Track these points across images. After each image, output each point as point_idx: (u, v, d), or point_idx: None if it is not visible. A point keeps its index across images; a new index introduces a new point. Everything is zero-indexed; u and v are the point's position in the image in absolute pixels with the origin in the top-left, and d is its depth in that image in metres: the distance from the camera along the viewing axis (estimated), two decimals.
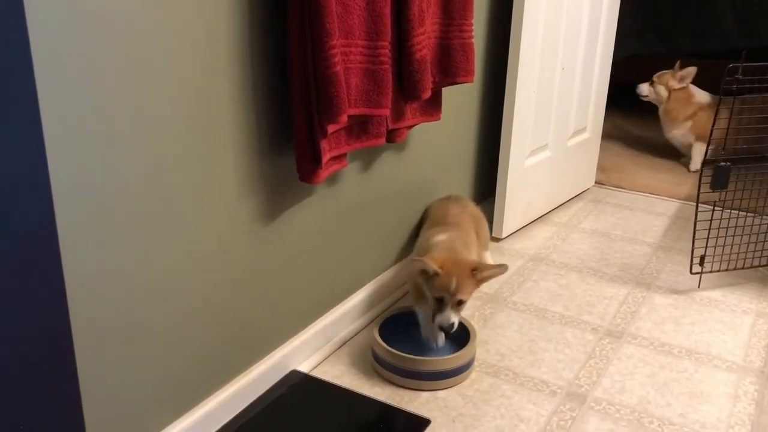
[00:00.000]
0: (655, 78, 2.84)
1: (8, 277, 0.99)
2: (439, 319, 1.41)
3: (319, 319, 1.48)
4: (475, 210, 1.82)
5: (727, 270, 1.87)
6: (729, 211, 1.83)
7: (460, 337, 1.49)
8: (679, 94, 2.78)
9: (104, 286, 0.99)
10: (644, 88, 2.87)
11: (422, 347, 1.49)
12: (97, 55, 0.91)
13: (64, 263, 0.92)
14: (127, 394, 1.06)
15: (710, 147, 1.77)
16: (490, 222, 2.02)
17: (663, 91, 2.81)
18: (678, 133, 2.81)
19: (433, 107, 1.58)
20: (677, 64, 2.79)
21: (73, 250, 0.93)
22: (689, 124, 2.77)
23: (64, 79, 0.87)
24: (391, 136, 1.48)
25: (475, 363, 1.49)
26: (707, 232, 1.78)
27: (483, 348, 1.55)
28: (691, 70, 2.75)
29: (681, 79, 2.78)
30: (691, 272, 1.84)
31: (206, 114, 1.09)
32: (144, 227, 1.03)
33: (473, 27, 1.55)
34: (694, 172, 2.74)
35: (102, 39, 0.91)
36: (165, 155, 1.04)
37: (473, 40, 1.55)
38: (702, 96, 2.78)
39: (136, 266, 1.03)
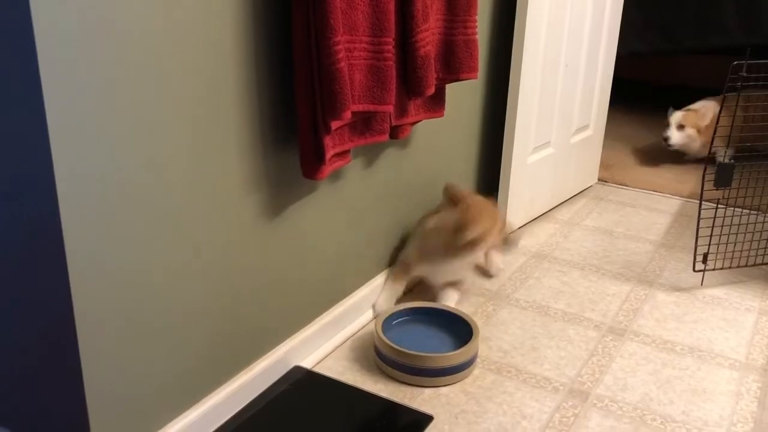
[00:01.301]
0: (680, 121, 2.60)
1: (13, 273, 0.99)
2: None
3: (322, 316, 1.48)
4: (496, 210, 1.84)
5: (730, 268, 1.86)
6: (732, 208, 1.83)
7: (463, 333, 1.49)
8: (705, 128, 2.63)
9: (108, 283, 0.99)
10: (677, 136, 2.61)
11: (425, 344, 1.49)
12: (101, 53, 0.91)
13: (68, 260, 0.92)
14: (130, 390, 1.06)
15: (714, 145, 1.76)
16: None
17: (695, 134, 2.62)
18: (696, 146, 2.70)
19: (436, 104, 1.58)
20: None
21: (77, 247, 0.93)
22: (704, 139, 2.67)
23: (68, 75, 0.87)
24: (395, 133, 1.48)
25: (478, 360, 1.49)
26: (710, 229, 1.78)
27: (485, 345, 1.55)
28: (710, 106, 2.56)
29: (703, 117, 2.58)
30: (694, 270, 1.84)
31: (210, 110, 1.09)
32: (147, 223, 1.03)
33: (477, 23, 1.55)
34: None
35: (106, 36, 0.91)
36: (169, 151, 1.04)
37: (477, 36, 1.55)
38: (713, 109, 2.68)
39: (139, 262, 1.03)
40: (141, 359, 1.07)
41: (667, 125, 2.66)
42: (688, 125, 2.61)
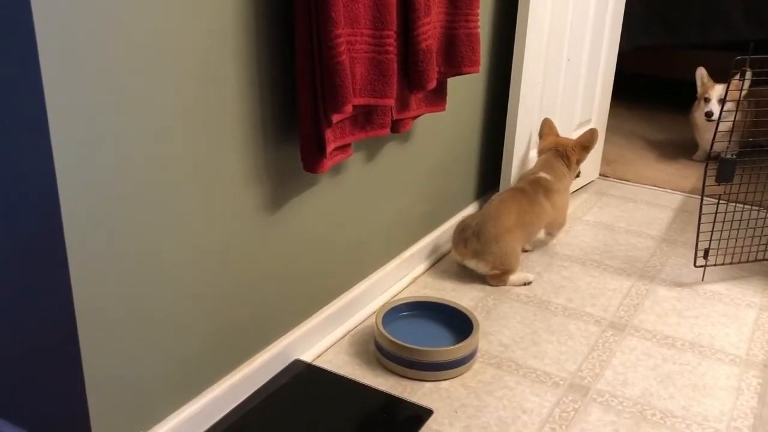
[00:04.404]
0: (722, 95, 2.41)
1: (14, 263, 0.99)
2: None
3: (322, 309, 1.48)
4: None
5: (731, 263, 1.86)
6: (734, 204, 1.83)
7: (463, 327, 1.49)
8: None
9: (108, 274, 0.99)
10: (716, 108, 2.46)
11: (426, 338, 1.49)
12: (101, 45, 0.90)
13: (68, 249, 0.92)
14: (131, 383, 1.06)
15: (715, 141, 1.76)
16: None
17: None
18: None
19: (438, 98, 1.57)
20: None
21: (78, 237, 0.93)
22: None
23: (70, 69, 0.87)
24: (396, 127, 1.47)
25: (478, 354, 1.49)
26: (712, 225, 1.77)
27: (486, 339, 1.55)
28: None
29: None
30: (695, 265, 1.84)
31: (211, 103, 1.09)
32: (149, 216, 1.03)
33: (479, 17, 1.54)
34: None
35: (107, 29, 0.91)
36: (170, 145, 1.04)
37: (479, 30, 1.54)
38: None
39: (140, 254, 1.03)
40: (141, 352, 1.07)
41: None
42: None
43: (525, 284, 1.77)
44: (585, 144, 1.94)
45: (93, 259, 0.96)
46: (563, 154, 1.92)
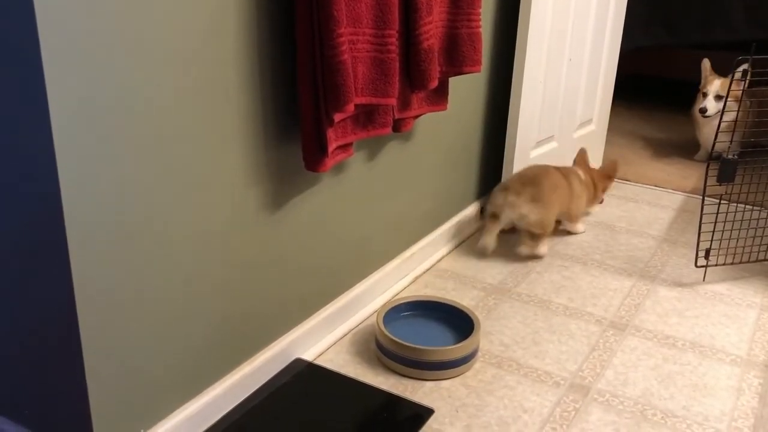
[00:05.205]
0: (718, 91, 2.46)
1: (14, 259, 0.99)
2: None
3: (323, 308, 1.48)
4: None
5: (732, 263, 1.86)
6: (735, 204, 1.83)
7: (464, 327, 1.49)
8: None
9: (109, 273, 0.99)
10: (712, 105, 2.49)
11: (427, 337, 1.49)
12: (101, 43, 0.90)
13: (69, 245, 0.92)
14: (132, 380, 1.06)
15: (717, 141, 1.76)
16: None
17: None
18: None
19: (439, 97, 1.57)
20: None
21: (78, 233, 0.93)
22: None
23: (71, 69, 0.87)
24: (398, 126, 1.47)
25: (479, 353, 1.49)
26: (713, 225, 1.77)
27: (487, 339, 1.55)
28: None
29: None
30: (696, 265, 1.84)
31: (212, 101, 1.09)
32: (149, 215, 1.03)
33: (481, 16, 1.54)
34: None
35: (107, 28, 0.91)
36: (171, 144, 1.04)
37: (481, 29, 1.54)
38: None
39: (140, 254, 1.03)
40: (143, 350, 1.07)
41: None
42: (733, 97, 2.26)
43: (539, 257, 1.90)
44: (609, 174, 2.15)
45: (94, 259, 0.96)
46: (591, 180, 2.09)
